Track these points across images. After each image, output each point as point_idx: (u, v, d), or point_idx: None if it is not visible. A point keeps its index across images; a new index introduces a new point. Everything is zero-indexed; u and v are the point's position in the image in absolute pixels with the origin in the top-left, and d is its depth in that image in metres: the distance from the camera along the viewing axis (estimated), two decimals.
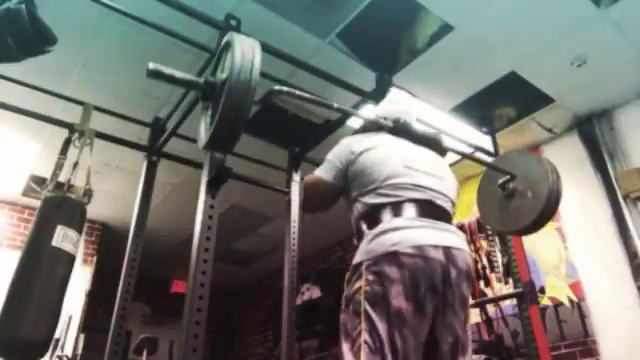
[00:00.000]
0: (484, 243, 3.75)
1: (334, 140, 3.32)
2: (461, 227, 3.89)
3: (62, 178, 1.94)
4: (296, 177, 2.81)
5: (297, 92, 1.58)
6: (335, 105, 1.60)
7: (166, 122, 2.70)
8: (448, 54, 2.91)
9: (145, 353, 3.85)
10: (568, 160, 3.60)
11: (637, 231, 3.08)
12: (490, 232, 3.73)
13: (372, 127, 1.70)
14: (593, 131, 3.49)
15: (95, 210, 4.63)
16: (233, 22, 2.03)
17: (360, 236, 1.48)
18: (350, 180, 1.57)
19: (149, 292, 6.47)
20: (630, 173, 3.21)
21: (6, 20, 1.56)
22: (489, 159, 3.10)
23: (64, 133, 2.11)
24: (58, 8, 2.45)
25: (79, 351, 3.96)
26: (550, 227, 3.52)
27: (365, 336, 1.26)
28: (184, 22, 2.08)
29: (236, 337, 7.15)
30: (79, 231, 1.83)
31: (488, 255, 3.70)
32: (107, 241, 5.06)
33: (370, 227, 1.44)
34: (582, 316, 3.19)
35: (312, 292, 5.77)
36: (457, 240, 1.45)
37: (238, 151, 2.84)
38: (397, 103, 1.81)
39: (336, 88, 2.59)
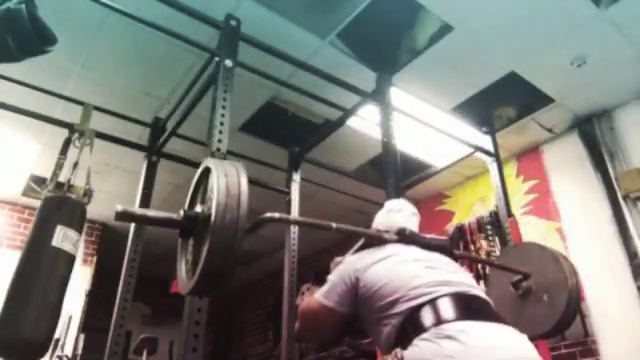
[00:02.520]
0: (484, 243, 3.75)
1: (334, 140, 3.32)
2: (461, 227, 3.89)
3: (62, 178, 1.94)
4: (296, 177, 2.82)
5: (291, 218, 1.44)
6: (334, 226, 1.38)
7: (166, 122, 2.70)
8: (448, 54, 2.91)
9: (145, 353, 3.84)
10: (568, 160, 3.60)
11: (637, 231, 3.08)
12: (490, 232, 3.73)
13: (375, 242, 1.51)
14: (593, 131, 3.49)
15: (95, 210, 4.62)
16: (233, 22, 2.03)
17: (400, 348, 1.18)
18: (364, 299, 1.32)
19: (149, 292, 6.46)
20: (630, 173, 3.21)
21: (6, 20, 1.56)
22: (489, 159, 3.10)
23: (64, 133, 2.11)
24: (58, 8, 2.45)
25: (79, 351, 3.96)
26: (550, 227, 3.53)
27: None
28: (184, 22, 2.08)
29: (236, 337, 7.15)
30: (79, 231, 1.83)
31: (488, 255, 3.70)
32: (107, 241, 5.06)
33: (411, 337, 1.14)
34: (582, 316, 3.19)
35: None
36: (528, 348, 1.13)
37: (238, 151, 2.85)
38: (396, 213, 1.65)
39: (336, 88, 2.59)
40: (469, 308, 1.19)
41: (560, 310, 1.87)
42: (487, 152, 3.10)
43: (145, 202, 2.47)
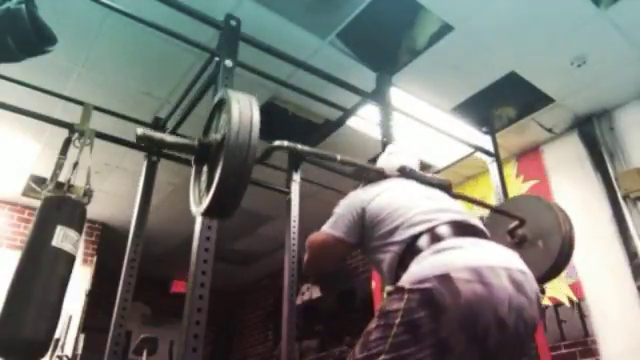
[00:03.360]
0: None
1: (334, 140, 3.32)
2: None
3: (62, 178, 1.94)
4: (296, 177, 2.81)
5: (298, 146, 1.48)
6: (338, 157, 1.52)
7: (166, 122, 2.70)
8: (448, 54, 2.91)
9: (145, 353, 3.84)
10: (568, 160, 3.60)
11: (637, 231, 3.08)
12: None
13: (377, 178, 1.61)
14: (593, 131, 3.49)
15: (95, 210, 4.63)
16: (233, 22, 2.03)
17: (399, 277, 1.25)
18: (369, 228, 1.42)
19: (149, 292, 6.46)
20: (630, 173, 3.21)
21: (6, 20, 1.56)
22: (489, 159, 3.11)
23: (64, 133, 2.10)
24: (58, 8, 2.46)
25: (79, 351, 3.96)
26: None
27: (383, 357, 1.12)
28: (184, 22, 2.08)
29: (236, 337, 7.15)
30: (79, 231, 1.83)
31: None
32: (107, 241, 5.06)
33: (411, 261, 1.24)
34: (582, 316, 3.19)
35: (312, 292, 5.77)
36: (517, 260, 1.24)
37: None
38: (397, 154, 1.73)
39: (336, 88, 2.59)
40: (465, 231, 1.30)
41: (554, 255, 1.95)
42: (487, 152, 3.10)
43: (145, 202, 2.47)
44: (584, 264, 3.29)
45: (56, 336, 2.45)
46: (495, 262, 1.18)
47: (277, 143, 1.42)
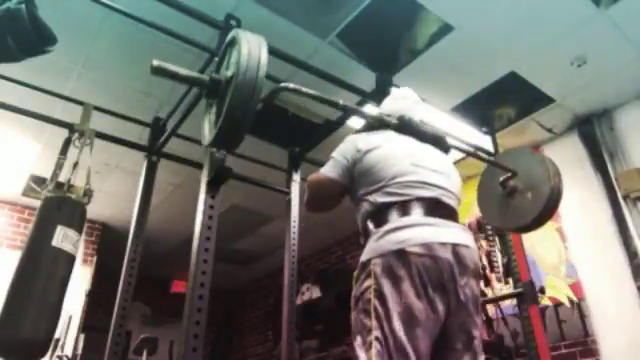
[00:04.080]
0: (484, 243, 3.75)
1: (334, 140, 3.33)
2: None
3: (62, 178, 1.94)
4: (296, 177, 2.81)
5: (303, 89, 1.57)
6: (340, 102, 1.59)
7: (166, 122, 2.70)
8: (448, 54, 2.91)
9: (145, 353, 3.85)
10: (568, 160, 3.60)
11: (637, 231, 3.08)
12: (490, 232, 3.73)
13: (376, 125, 1.68)
14: (593, 131, 3.49)
15: (95, 210, 4.63)
16: (233, 22, 2.03)
17: (367, 235, 1.46)
18: (357, 178, 1.55)
19: (149, 292, 6.47)
20: (630, 173, 3.21)
21: (6, 20, 1.56)
22: (490, 159, 3.10)
23: (64, 133, 2.11)
24: (58, 8, 2.45)
25: (79, 351, 3.96)
26: (550, 227, 3.52)
27: (376, 333, 1.27)
28: (184, 22, 2.08)
29: (236, 337, 7.15)
30: (79, 231, 1.83)
31: (488, 255, 3.70)
32: (107, 241, 5.06)
33: (377, 226, 1.43)
34: (582, 316, 3.19)
35: (312, 292, 5.77)
36: (465, 237, 1.43)
37: (238, 151, 2.84)
38: (401, 100, 1.79)
39: (336, 88, 2.59)
40: (432, 210, 1.44)
41: (541, 205, 2.07)
42: (487, 152, 3.10)
43: (145, 202, 2.46)
44: (584, 264, 3.29)
45: (56, 336, 2.45)
46: (445, 239, 1.37)
47: (283, 85, 1.49)
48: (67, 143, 2.07)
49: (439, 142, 1.70)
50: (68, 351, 3.80)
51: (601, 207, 3.30)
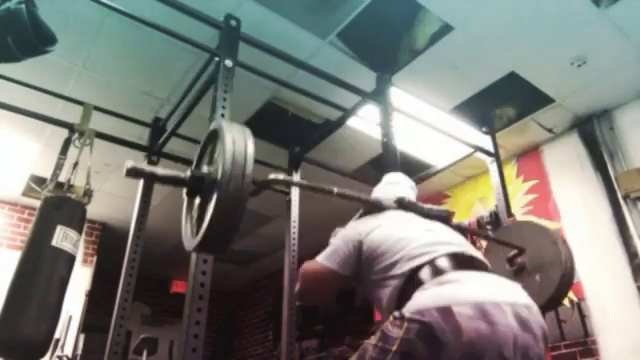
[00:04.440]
0: (484, 243, 3.75)
1: (334, 140, 3.31)
2: (459, 227, 3.89)
3: (62, 178, 1.94)
4: (296, 177, 2.81)
5: (294, 180, 1.47)
6: (335, 190, 1.47)
7: (166, 122, 2.71)
8: (448, 54, 2.91)
9: (145, 353, 3.85)
10: (568, 160, 3.60)
11: (637, 231, 3.08)
12: (491, 232, 3.72)
13: (375, 209, 1.56)
14: (593, 131, 3.49)
15: (95, 210, 4.63)
16: (233, 22, 2.03)
17: (400, 307, 1.19)
18: (366, 262, 1.38)
19: (149, 292, 6.47)
20: (630, 173, 3.21)
21: (6, 20, 1.56)
22: (489, 159, 3.10)
23: (64, 133, 2.11)
24: (58, 8, 2.45)
25: (79, 351, 3.96)
26: (550, 227, 3.52)
27: None
28: (184, 22, 2.08)
29: (236, 337, 7.15)
30: (79, 231, 1.83)
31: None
32: (107, 241, 5.06)
33: (412, 294, 1.19)
34: (582, 316, 3.19)
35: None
36: (521, 293, 1.20)
37: None
38: (395, 185, 1.72)
39: (336, 88, 2.59)
40: (466, 264, 1.26)
41: (549, 292, 1.88)
42: (487, 152, 3.10)
43: (145, 202, 2.47)
44: (584, 264, 3.29)
45: (56, 336, 2.45)
46: (499, 298, 1.13)
47: (272, 177, 1.36)
48: (67, 143, 2.07)
49: (443, 219, 1.55)
50: (68, 351, 3.79)
51: (601, 207, 3.30)
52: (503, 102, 3.37)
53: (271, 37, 2.40)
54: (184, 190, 1.21)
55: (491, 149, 3.12)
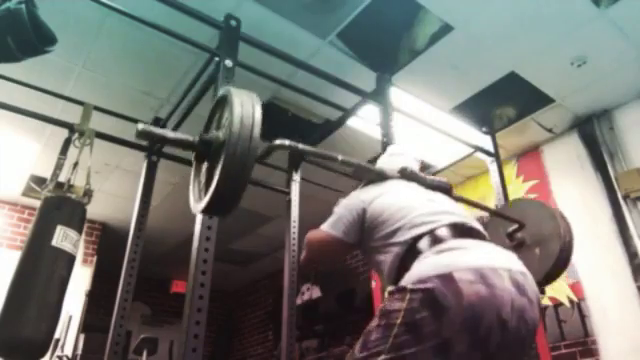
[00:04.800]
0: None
1: (334, 140, 3.32)
2: None
3: (62, 178, 1.94)
4: (296, 177, 2.82)
5: (300, 146, 1.49)
6: (339, 158, 1.52)
7: (166, 122, 2.70)
8: (448, 54, 2.91)
9: (145, 353, 3.85)
10: (568, 160, 3.60)
11: (637, 231, 3.08)
12: None
13: (378, 179, 1.60)
14: (593, 131, 3.49)
15: (95, 210, 4.63)
16: (233, 22, 2.03)
17: (400, 278, 1.25)
18: (368, 229, 1.42)
19: (149, 292, 6.47)
20: (630, 173, 3.21)
21: (6, 20, 1.56)
22: (489, 159, 3.10)
23: (64, 133, 2.11)
24: (58, 8, 2.45)
25: (79, 351, 3.96)
26: None
27: (384, 357, 1.12)
28: (184, 22, 2.08)
29: (236, 337, 7.15)
30: (79, 231, 1.83)
31: None
32: (107, 241, 5.06)
33: (412, 262, 1.25)
34: (582, 316, 3.19)
35: (312, 292, 5.77)
36: (517, 261, 1.26)
37: None
38: (399, 156, 1.73)
39: (336, 88, 2.59)
40: (465, 233, 1.31)
41: (549, 264, 1.95)
42: (487, 152, 3.10)
43: (145, 202, 2.47)
44: (584, 264, 3.29)
45: (56, 336, 2.45)
46: (497, 263, 1.18)
47: (278, 142, 1.41)
48: (67, 143, 2.07)
49: (445, 190, 1.59)
50: (68, 351, 3.80)
51: (601, 207, 3.30)
52: (503, 102, 3.37)
53: (271, 37, 2.40)
54: (192, 155, 1.25)
55: (491, 149, 3.12)
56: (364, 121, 3.01)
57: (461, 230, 1.32)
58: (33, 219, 1.81)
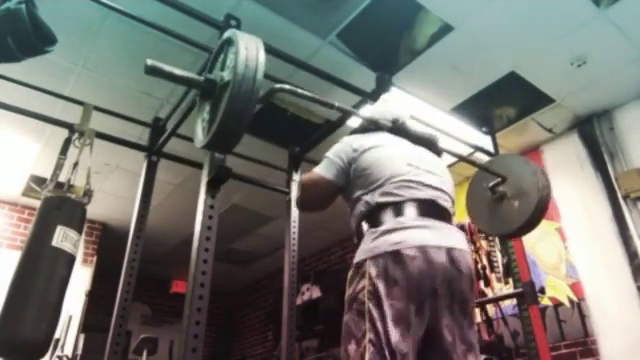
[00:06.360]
0: (484, 243, 3.75)
1: (334, 140, 3.33)
2: (461, 227, 3.89)
3: (62, 178, 1.94)
4: (296, 177, 2.81)
5: (299, 90, 1.55)
6: (336, 104, 1.59)
7: (166, 122, 2.70)
8: (448, 54, 2.91)
9: (145, 353, 3.85)
10: (568, 160, 3.60)
11: (637, 231, 3.08)
12: None
13: (370, 127, 1.69)
14: (593, 131, 3.49)
15: (95, 210, 4.63)
16: (233, 22, 2.03)
17: (361, 235, 1.46)
18: (352, 178, 1.55)
19: (149, 292, 6.47)
20: (630, 173, 3.21)
21: (6, 20, 1.56)
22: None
23: (64, 133, 2.11)
24: (58, 8, 2.45)
25: (79, 351, 3.96)
26: (550, 227, 3.53)
27: (370, 335, 1.25)
28: (184, 22, 2.08)
29: (236, 337, 7.15)
30: (79, 231, 1.83)
31: (488, 255, 3.70)
32: (107, 241, 5.06)
33: (372, 226, 1.43)
34: (582, 316, 3.19)
35: (312, 292, 5.77)
36: (460, 240, 1.44)
37: (238, 151, 2.84)
38: (392, 104, 1.81)
39: (336, 88, 2.59)
40: (427, 211, 1.44)
41: (527, 215, 2.09)
42: (487, 152, 3.10)
43: (145, 202, 2.46)
44: (584, 264, 3.29)
45: (56, 336, 2.45)
46: (441, 242, 1.37)
47: (278, 86, 1.48)
48: (67, 143, 2.07)
49: (432, 145, 1.71)
50: (68, 351, 3.80)
51: (601, 207, 3.30)
52: (503, 102, 3.37)
53: (271, 37, 2.40)
54: (198, 92, 1.31)
55: (491, 149, 3.12)
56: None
57: (425, 207, 1.45)
58: (33, 219, 1.81)
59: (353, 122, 3.12)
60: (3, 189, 4.40)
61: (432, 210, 1.46)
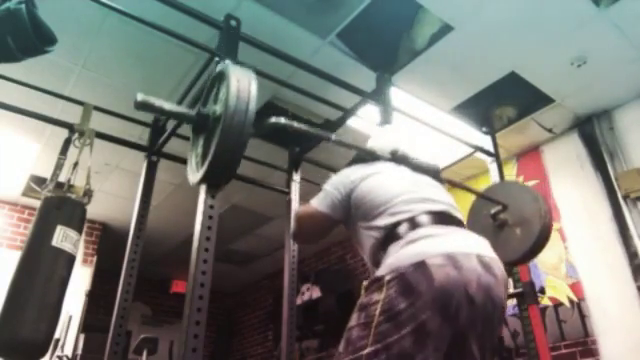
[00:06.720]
0: None
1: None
2: None
3: (62, 178, 1.94)
4: (296, 177, 2.81)
5: (295, 124, 1.53)
6: (332, 137, 1.57)
7: (166, 122, 2.70)
8: (448, 54, 2.91)
9: (145, 353, 3.85)
10: (568, 160, 3.60)
11: (637, 231, 3.08)
12: None
13: (369, 158, 1.65)
14: (593, 131, 3.49)
15: (95, 210, 4.63)
16: (233, 22, 2.03)
17: (378, 263, 1.34)
18: (354, 210, 1.49)
19: (149, 292, 6.47)
20: (630, 173, 3.21)
21: (6, 20, 1.56)
22: (489, 159, 3.10)
23: (64, 133, 2.10)
24: (58, 8, 2.45)
25: (79, 351, 3.96)
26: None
27: (368, 350, 1.17)
28: (184, 22, 2.08)
29: (236, 337, 7.15)
30: (79, 231, 1.83)
31: None
32: (107, 241, 5.06)
33: (390, 244, 1.34)
34: (582, 316, 3.19)
35: (312, 292, 5.77)
36: (488, 247, 1.35)
37: None
38: (391, 134, 1.79)
39: (336, 88, 2.59)
40: (442, 220, 1.38)
41: (529, 243, 2.08)
42: (487, 152, 3.10)
43: (145, 202, 2.46)
44: (584, 264, 3.29)
45: (56, 336, 2.45)
46: (468, 249, 1.27)
47: (273, 120, 1.49)
48: (67, 143, 2.07)
49: (434, 173, 1.65)
50: (68, 351, 3.79)
51: (601, 207, 3.30)
52: (503, 102, 3.37)
53: (271, 37, 2.40)
54: (191, 128, 1.30)
55: (491, 149, 3.12)
56: (364, 121, 3.01)
57: (439, 217, 1.38)
58: (33, 219, 1.81)
59: (353, 122, 3.12)
60: (3, 189, 4.40)
61: (448, 220, 1.39)
